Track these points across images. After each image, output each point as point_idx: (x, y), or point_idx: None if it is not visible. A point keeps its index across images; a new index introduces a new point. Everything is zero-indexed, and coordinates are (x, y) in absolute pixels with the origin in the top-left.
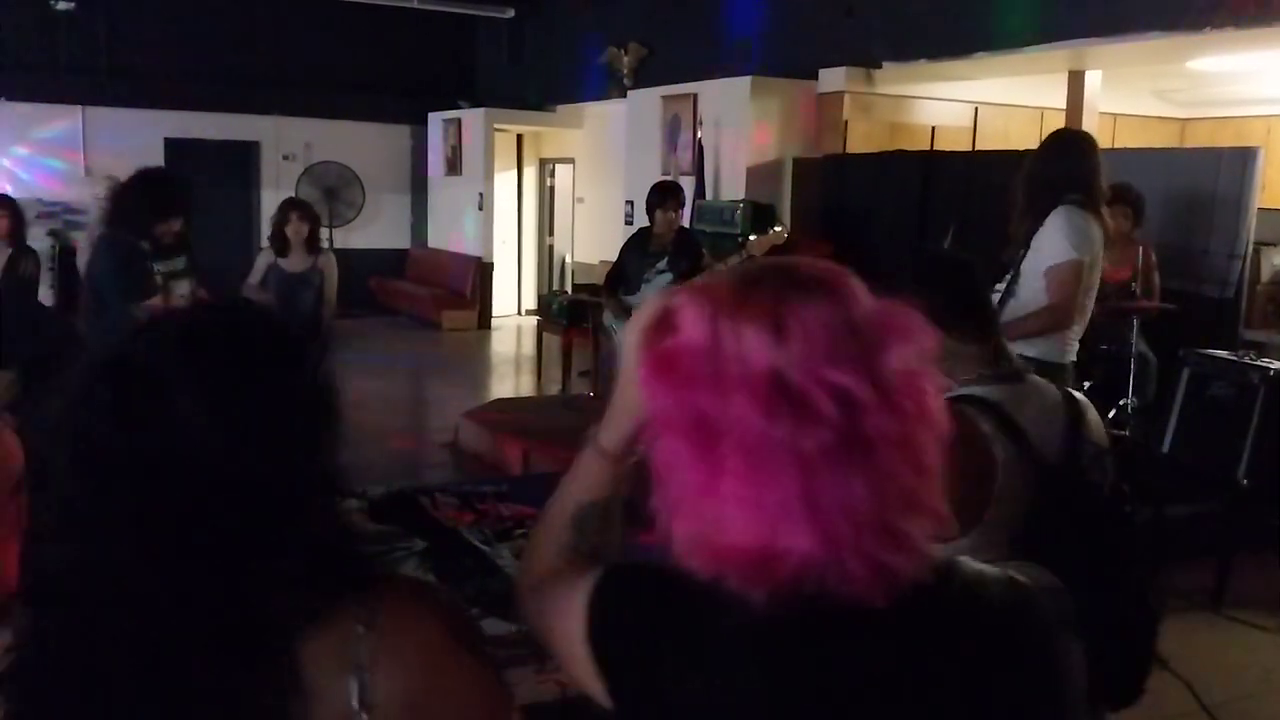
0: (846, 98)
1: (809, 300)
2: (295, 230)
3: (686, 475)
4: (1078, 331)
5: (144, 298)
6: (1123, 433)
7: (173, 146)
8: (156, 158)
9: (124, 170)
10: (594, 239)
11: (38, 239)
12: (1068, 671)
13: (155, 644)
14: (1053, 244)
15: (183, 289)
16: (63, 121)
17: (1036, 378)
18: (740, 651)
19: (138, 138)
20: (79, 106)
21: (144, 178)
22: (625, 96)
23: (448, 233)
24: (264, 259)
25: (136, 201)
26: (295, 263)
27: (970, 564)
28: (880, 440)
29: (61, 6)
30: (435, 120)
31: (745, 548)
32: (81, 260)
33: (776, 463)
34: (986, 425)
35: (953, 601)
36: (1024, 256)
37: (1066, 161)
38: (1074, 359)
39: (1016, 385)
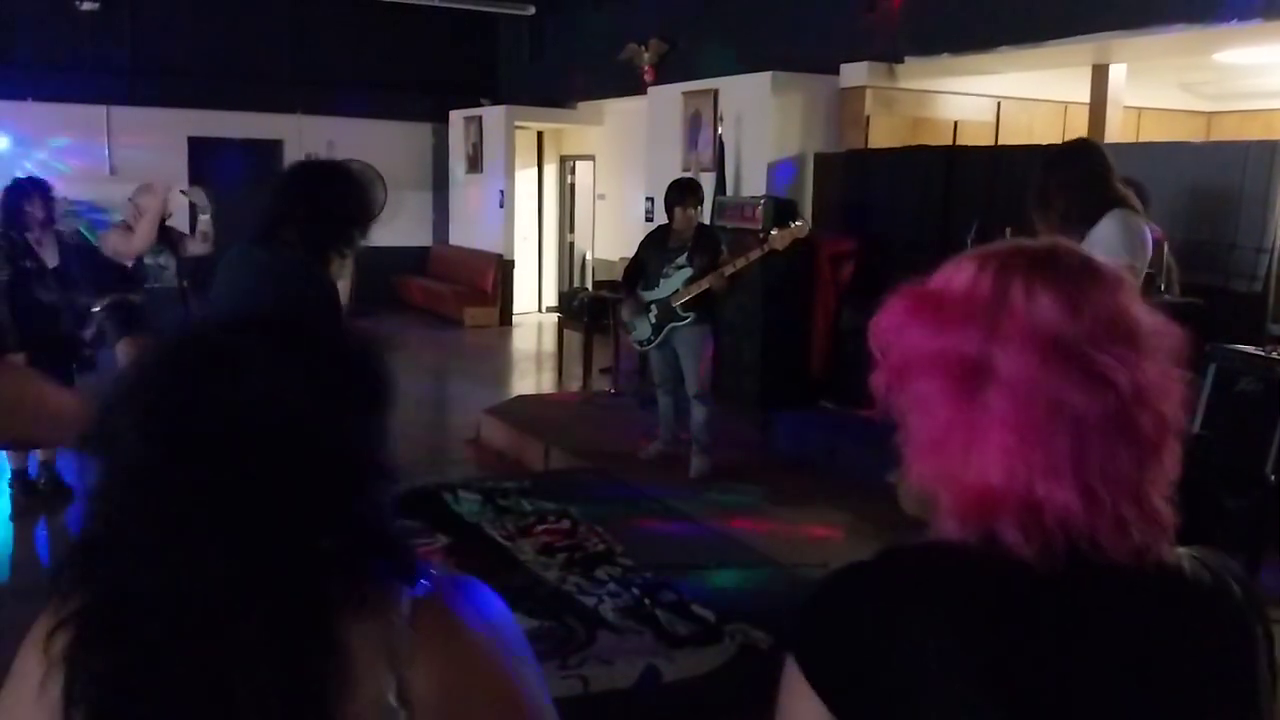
0: (868, 93)
1: (1100, 286)
2: None
3: (943, 415)
4: None
5: None
6: None
7: (196, 145)
8: (180, 157)
9: (148, 169)
10: (614, 236)
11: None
12: (1253, 659)
13: (206, 614)
14: (1107, 246)
15: None
16: (87, 121)
17: None
18: (1019, 609)
19: (162, 137)
20: (103, 106)
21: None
22: (646, 93)
23: (469, 230)
24: None
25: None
26: None
27: (1185, 555)
28: (1147, 420)
29: (85, 6)
30: (456, 118)
31: (1004, 492)
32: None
33: (1053, 420)
34: None
35: (1199, 582)
36: None
37: (1105, 163)
38: None
39: None
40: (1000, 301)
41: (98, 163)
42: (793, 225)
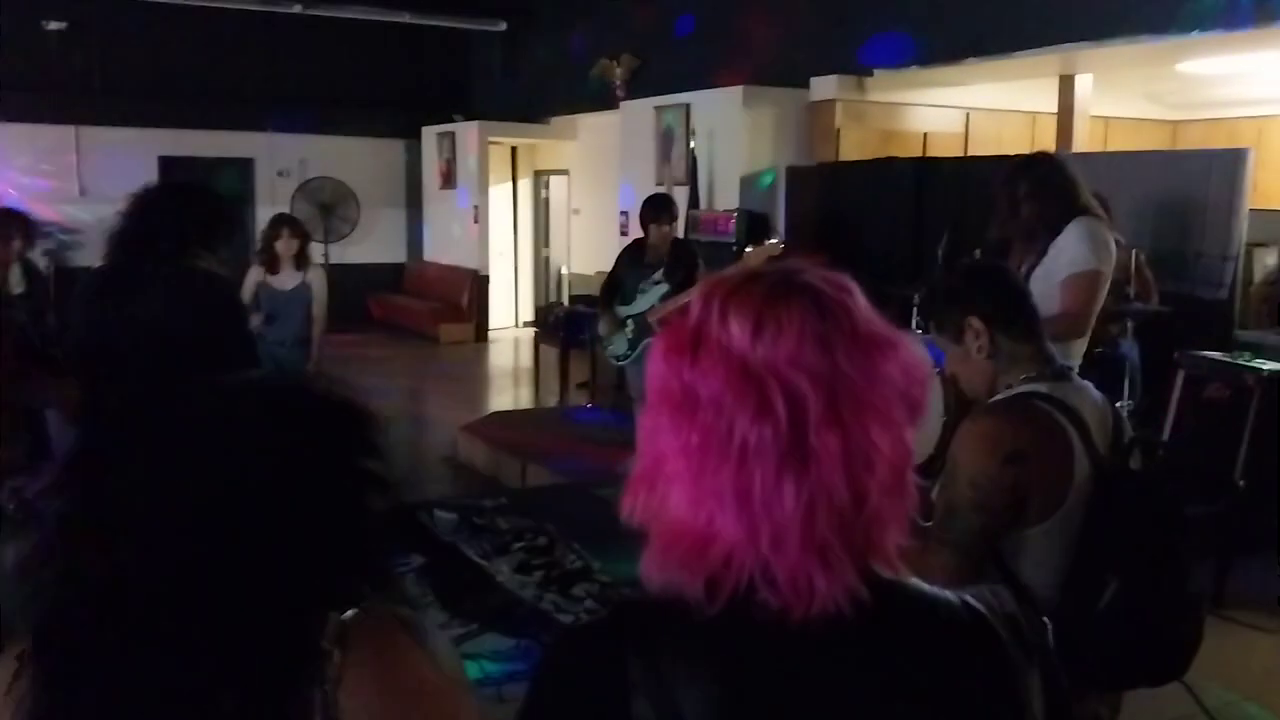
0: (838, 105)
1: (795, 306)
2: (286, 245)
3: (660, 446)
4: (1082, 346)
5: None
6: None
7: (167, 165)
8: (151, 176)
9: (118, 189)
10: (590, 250)
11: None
12: (1017, 699)
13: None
14: (1074, 253)
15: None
16: (56, 142)
17: (1078, 377)
18: (692, 659)
19: (132, 157)
20: (72, 126)
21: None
22: (618, 108)
23: (444, 246)
24: (253, 276)
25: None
26: (285, 280)
27: (920, 587)
28: (823, 453)
29: (53, 26)
30: (429, 134)
31: (687, 527)
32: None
33: (724, 447)
34: (1061, 418)
35: (889, 624)
36: (1035, 265)
37: (1064, 174)
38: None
39: (1068, 383)
40: (704, 328)
41: (67, 183)
42: (767, 243)
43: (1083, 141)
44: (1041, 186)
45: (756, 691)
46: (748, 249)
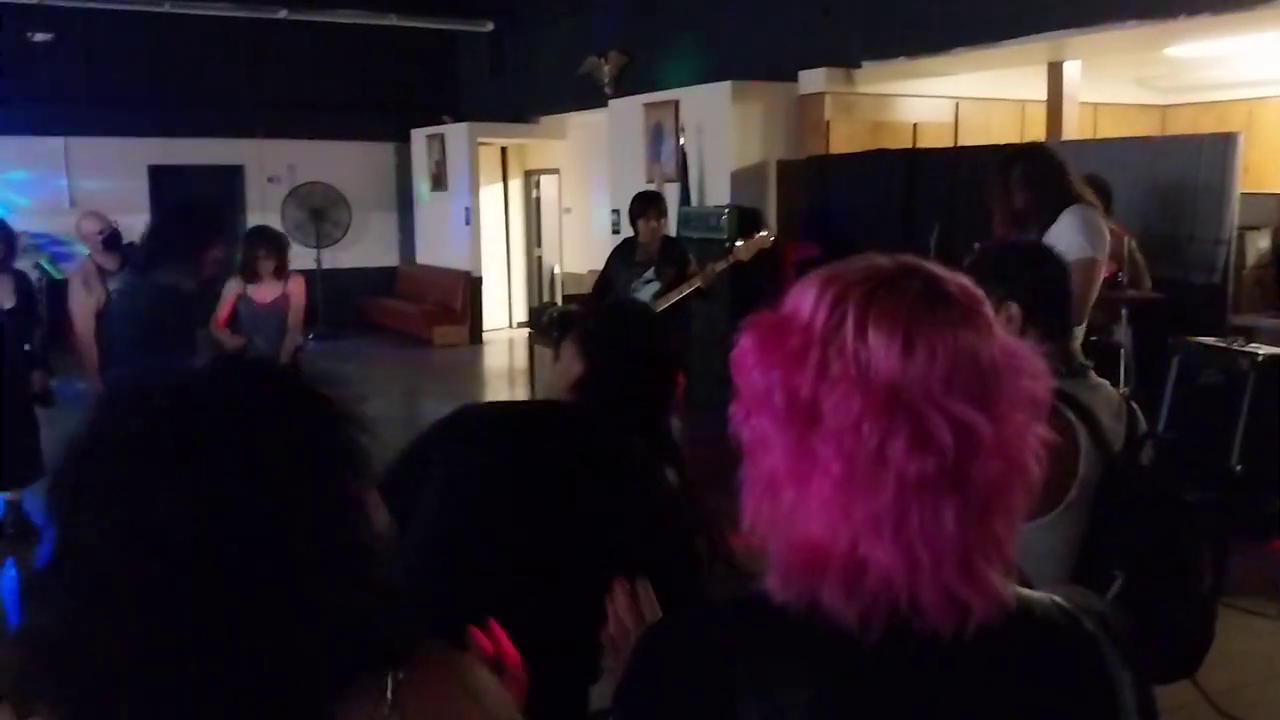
0: (827, 98)
1: (942, 321)
2: (265, 264)
3: (773, 459)
4: (1079, 334)
5: (187, 345)
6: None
7: (157, 174)
8: (141, 186)
9: (109, 199)
10: (582, 249)
11: (25, 271)
12: (1114, 701)
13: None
14: (1069, 241)
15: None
16: (45, 153)
17: (1095, 375)
18: (837, 680)
19: (121, 166)
20: (61, 137)
21: (182, 207)
22: (607, 106)
23: (436, 248)
24: (231, 288)
25: (180, 231)
26: (266, 292)
27: (1039, 603)
28: (982, 481)
29: (39, 38)
30: (419, 136)
31: (827, 550)
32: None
33: (875, 475)
34: (1070, 415)
35: (1022, 643)
36: None
37: (1060, 164)
38: None
39: (1084, 380)
40: (831, 338)
41: (57, 195)
42: (757, 236)
43: (1073, 128)
44: (1035, 175)
45: (874, 705)
46: (738, 243)
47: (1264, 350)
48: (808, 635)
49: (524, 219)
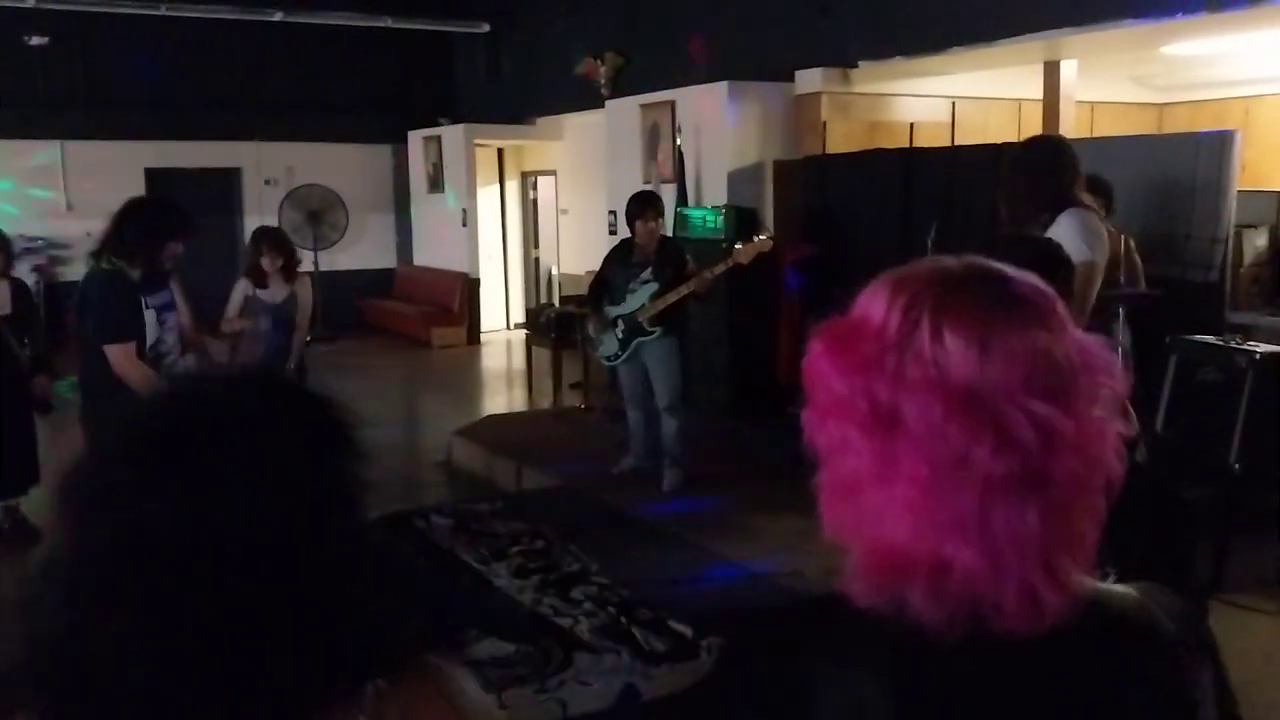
0: (824, 98)
1: (1017, 323)
2: (270, 262)
3: (853, 463)
4: None
5: (137, 337)
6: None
7: (154, 177)
8: (137, 189)
9: (105, 203)
10: (579, 250)
11: (23, 276)
12: (1191, 701)
13: None
14: (1068, 245)
15: (171, 322)
16: (42, 156)
17: None
18: (918, 679)
19: (118, 169)
20: (58, 141)
21: (143, 202)
22: (603, 107)
23: (433, 250)
24: (240, 290)
25: (141, 226)
26: (274, 293)
27: (1119, 601)
28: (1064, 479)
29: (35, 41)
30: (415, 138)
31: (910, 552)
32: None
33: (958, 478)
34: None
35: (1098, 639)
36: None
37: (1064, 159)
38: None
39: None
40: (906, 343)
41: (54, 199)
42: (757, 239)
43: (1069, 127)
44: (1034, 162)
45: (954, 704)
46: (737, 245)
47: (1262, 348)
48: (888, 635)
49: (521, 220)
